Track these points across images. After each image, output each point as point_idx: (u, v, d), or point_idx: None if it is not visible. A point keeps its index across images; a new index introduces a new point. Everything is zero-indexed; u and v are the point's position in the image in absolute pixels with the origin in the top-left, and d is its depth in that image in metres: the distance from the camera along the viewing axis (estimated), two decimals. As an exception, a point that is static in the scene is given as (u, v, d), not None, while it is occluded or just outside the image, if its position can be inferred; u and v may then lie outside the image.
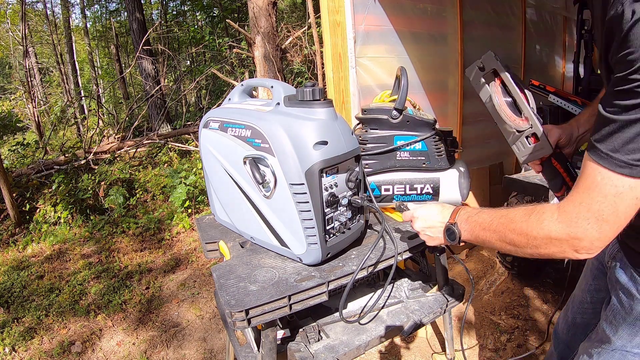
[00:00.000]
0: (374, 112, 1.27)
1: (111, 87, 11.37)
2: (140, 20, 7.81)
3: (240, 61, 7.39)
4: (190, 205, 4.07)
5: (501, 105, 0.98)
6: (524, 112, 0.96)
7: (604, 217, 0.63)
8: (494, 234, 0.79)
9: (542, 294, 2.32)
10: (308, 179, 0.96)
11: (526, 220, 0.72)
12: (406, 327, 1.20)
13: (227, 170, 1.15)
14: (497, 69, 0.96)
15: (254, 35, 4.01)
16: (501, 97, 0.98)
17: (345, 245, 1.11)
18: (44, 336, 2.41)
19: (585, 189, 0.64)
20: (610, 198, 0.62)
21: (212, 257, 1.29)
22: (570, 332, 1.16)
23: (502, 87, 0.98)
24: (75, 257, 3.43)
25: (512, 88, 0.96)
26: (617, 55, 0.58)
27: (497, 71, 0.97)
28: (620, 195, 0.61)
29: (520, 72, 2.97)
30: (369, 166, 1.27)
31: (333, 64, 1.95)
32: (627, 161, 0.59)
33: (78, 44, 13.58)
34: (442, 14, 2.43)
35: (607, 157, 0.61)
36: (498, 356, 1.92)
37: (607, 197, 0.62)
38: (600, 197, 0.62)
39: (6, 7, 11.44)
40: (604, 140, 0.61)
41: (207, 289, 2.84)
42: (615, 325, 0.87)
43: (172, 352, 2.23)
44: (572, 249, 0.68)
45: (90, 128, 6.27)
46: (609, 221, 0.63)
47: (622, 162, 0.59)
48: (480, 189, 2.93)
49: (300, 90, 1.01)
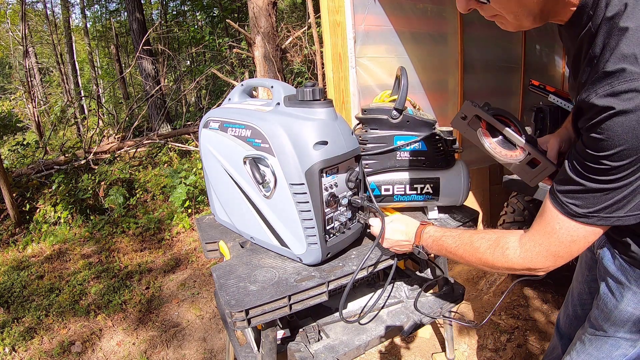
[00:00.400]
0: (374, 112, 1.27)
1: (111, 87, 11.37)
2: (140, 20, 7.81)
3: (240, 61, 7.40)
4: (190, 205, 4.07)
5: (494, 148, 1.01)
6: (517, 143, 0.99)
7: (559, 255, 0.75)
8: (460, 259, 0.90)
9: (542, 294, 2.32)
10: (308, 179, 0.96)
11: (491, 253, 0.83)
12: (406, 327, 1.20)
13: (227, 170, 1.15)
14: (478, 114, 1.01)
15: (254, 35, 4.01)
16: (490, 139, 1.02)
17: (345, 245, 1.11)
18: (44, 336, 2.41)
19: (545, 234, 0.75)
20: (566, 244, 0.73)
21: (212, 257, 1.29)
22: (572, 325, 1.17)
23: (488, 129, 1.02)
24: (75, 257, 3.43)
25: (499, 126, 0.99)
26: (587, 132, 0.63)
27: (479, 116, 1.01)
28: (575, 242, 0.72)
29: (520, 72, 2.97)
30: (369, 166, 1.27)
31: (333, 64, 1.95)
32: (584, 213, 0.68)
33: (78, 44, 13.58)
34: (442, 14, 2.43)
35: (567, 207, 0.69)
36: (498, 356, 1.92)
37: (564, 243, 0.73)
38: (557, 242, 0.73)
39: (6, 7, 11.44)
40: (567, 193, 0.69)
41: (207, 289, 2.84)
42: (607, 313, 0.89)
43: (172, 352, 2.23)
44: (529, 273, 0.82)
45: (90, 128, 6.26)
46: (564, 257, 0.75)
47: (580, 214, 0.68)
48: (480, 189, 2.93)
49: (300, 90, 1.01)
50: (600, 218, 0.67)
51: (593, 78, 0.61)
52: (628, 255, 0.84)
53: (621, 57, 0.57)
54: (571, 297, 1.18)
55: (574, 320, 1.17)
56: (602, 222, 0.68)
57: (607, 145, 0.59)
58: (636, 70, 0.56)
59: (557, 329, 1.26)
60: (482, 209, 2.95)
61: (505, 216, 2.38)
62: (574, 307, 1.16)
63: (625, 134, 0.57)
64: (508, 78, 2.90)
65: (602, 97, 0.58)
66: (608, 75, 0.58)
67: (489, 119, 0.99)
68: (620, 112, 0.57)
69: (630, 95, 0.56)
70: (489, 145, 1.01)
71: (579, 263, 1.14)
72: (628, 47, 0.57)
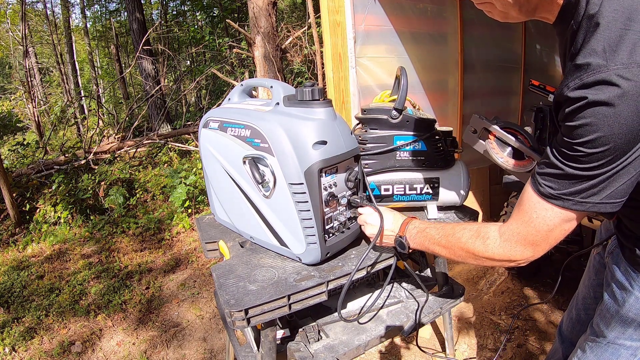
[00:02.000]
0: (374, 112, 1.27)
1: (111, 87, 11.37)
2: (140, 20, 7.81)
3: (240, 61, 7.40)
4: (190, 205, 4.07)
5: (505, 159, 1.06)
6: (525, 153, 1.03)
7: (537, 244, 0.76)
8: (443, 249, 0.91)
9: (542, 294, 2.32)
10: (307, 179, 0.96)
11: (472, 242, 0.84)
12: (406, 327, 1.20)
13: (227, 170, 1.15)
14: (486, 127, 1.05)
15: (254, 35, 4.01)
16: (500, 151, 1.07)
17: (344, 245, 1.11)
18: (44, 336, 2.41)
19: (522, 222, 0.76)
20: (543, 233, 0.74)
21: (212, 256, 1.29)
22: (575, 330, 1.17)
23: (497, 140, 1.07)
24: (75, 257, 3.43)
25: (507, 138, 1.04)
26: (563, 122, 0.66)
27: (487, 128, 1.05)
28: (552, 231, 0.74)
29: (520, 72, 2.97)
30: (369, 166, 1.27)
31: (333, 64, 1.95)
32: (559, 195, 0.69)
33: (78, 44, 13.58)
34: (442, 14, 2.43)
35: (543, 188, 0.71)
36: (498, 356, 1.92)
37: (541, 232, 0.74)
38: (535, 230, 0.75)
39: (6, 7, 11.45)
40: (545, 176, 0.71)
41: (207, 289, 2.84)
42: (608, 319, 0.89)
43: (172, 352, 2.23)
44: (510, 265, 0.83)
45: (90, 128, 6.27)
46: (542, 246, 0.77)
47: (555, 196, 0.70)
48: (480, 189, 2.93)
49: (300, 90, 1.01)
50: (576, 202, 0.68)
51: (567, 72, 0.65)
52: (634, 261, 0.83)
53: (590, 51, 0.60)
54: (576, 300, 1.18)
55: (577, 324, 1.16)
56: (578, 207, 0.69)
57: (581, 132, 0.62)
58: (601, 63, 0.59)
59: (559, 333, 1.26)
60: (482, 209, 2.95)
61: (505, 216, 2.38)
62: (578, 311, 1.16)
63: (598, 123, 0.60)
64: (508, 78, 2.90)
65: (573, 89, 0.62)
66: (577, 69, 0.62)
67: (498, 131, 1.04)
68: (592, 103, 0.59)
69: (599, 87, 0.59)
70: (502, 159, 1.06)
71: (588, 266, 1.14)
72: (597, 42, 0.60)
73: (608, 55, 0.58)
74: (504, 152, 1.07)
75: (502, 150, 1.07)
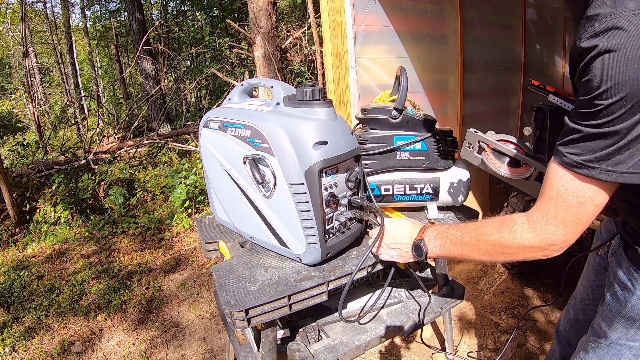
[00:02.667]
0: (374, 112, 1.27)
1: (111, 87, 11.37)
2: (140, 20, 7.81)
3: (240, 61, 7.40)
4: (190, 205, 4.07)
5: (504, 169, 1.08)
6: (522, 161, 1.05)
7: (568, 221, 0.71)
8: (466, 247, 0.85)
9: (542, 294, 2.32)
10: (308, 179, 0.96)
11: (498, 232, 0.79)
12: (406, 327, 1.20)
13: (227, 170, 1.15)
14: (481, 140, 1.07)
15: (254, 35, 4.01)
16: (497, 161, 1.08)
17: (345, 245, 1.11)
18: (44, 336, 2.41)
19: (550, 200, 0.72)
20: (573, 207, 0.70)
21: (212, 257, 1.29)
22: (572, 330, 1.17)
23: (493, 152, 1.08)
24: (75, 257, 3.43)
25: (503, 148, 1.06)
26: (579, 80, 0.65)
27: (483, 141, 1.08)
28: (582, 204, 0.70)
29: (520, 72, 2.97)
30: (369, 166, 1.27)
31: (333, 64, 1.95)
32: (583, 161, 0.66)
33: (78, 44, 13.58)
34: (442, 14, 2.43)
35: (566, 157, 0.68)
36: (500, 357, 1.92)
37: (571, 207, 0.70)
38: (565, 206, 0.70)
39: (6, 7, 11.45)
40: (566, 144, 0.69)
41: (207, 289, 2.84)
42: (610, 319, 0.88)
43: (172, 352, 2.23)
44: (542, 253, 0.76)
45: (90, 128, 6.26)
46: (574, 225, 0.72)
47: (580, 163, 0.67)
48: (480, 189, 2.93)
49: (300, 90, 1.01)
50: (602, 171, 0.66)
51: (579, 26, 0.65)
52: (637, 260, 0.83)
53: (600, 3, 0.61)
54: (574, 301, 1.18)
55: (574, 324, 1.16)
56: (604, 176, 0.66)
57: (596, 83, 0.61)
58: (611, 11, 0.59)
59: (557, 333, 1.26)
60: (482, 209, 2.95)
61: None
62: (576, 312, 1.16)
63: (612, 70, 0.59)
64: (508, 78, 2.90)
65: (586, 40, 0.62)
66: (588, 20, 0.62)
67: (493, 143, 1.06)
68: (604, 51, 0.59)
69: (611, 33, 0.59)
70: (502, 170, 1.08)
71: (586, 267, 1.14)
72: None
73: (617, 4, 0.59)
74: (502, 162, 1.09)
75: (501, 161, 1.08)
